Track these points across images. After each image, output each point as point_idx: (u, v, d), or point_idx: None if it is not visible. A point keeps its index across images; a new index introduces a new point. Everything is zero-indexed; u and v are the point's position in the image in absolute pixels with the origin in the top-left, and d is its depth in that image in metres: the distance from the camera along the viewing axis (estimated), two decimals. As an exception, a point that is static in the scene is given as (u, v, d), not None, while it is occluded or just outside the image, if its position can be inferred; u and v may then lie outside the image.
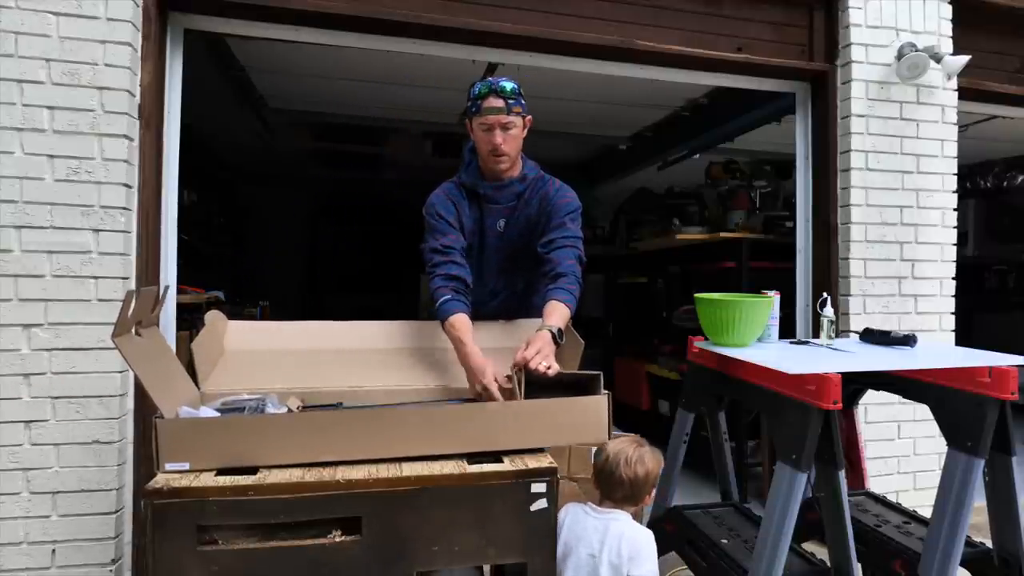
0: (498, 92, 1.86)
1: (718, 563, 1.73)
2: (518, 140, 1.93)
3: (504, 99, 1.86)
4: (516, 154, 1.95)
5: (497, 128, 1.87)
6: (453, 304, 1.78)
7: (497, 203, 1.98)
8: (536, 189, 2.00)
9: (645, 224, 4.79)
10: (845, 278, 2.87)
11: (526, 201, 1.99)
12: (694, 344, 1.96)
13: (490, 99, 1.87)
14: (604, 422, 1.47)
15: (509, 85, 1.88)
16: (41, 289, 2.06)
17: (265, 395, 1.47)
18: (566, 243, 1.90)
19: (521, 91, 1.91)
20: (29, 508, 2.06)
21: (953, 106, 2.99)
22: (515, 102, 1.88)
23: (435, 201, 1.97)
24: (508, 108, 1.87)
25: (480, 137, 1.91)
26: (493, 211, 1.98)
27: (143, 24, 2.20)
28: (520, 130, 1.92)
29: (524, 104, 1.92)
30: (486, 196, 1.97)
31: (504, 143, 1.88)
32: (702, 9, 2.85)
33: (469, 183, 1.98)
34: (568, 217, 1.94)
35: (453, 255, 1.88)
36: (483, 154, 1.93)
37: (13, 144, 2.05)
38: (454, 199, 1.98)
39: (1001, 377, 1.49)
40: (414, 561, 1.27)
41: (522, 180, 1.99)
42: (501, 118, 1.87)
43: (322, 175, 6.86)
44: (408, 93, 3.86)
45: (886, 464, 2.89)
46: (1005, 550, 1.62)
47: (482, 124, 1.89)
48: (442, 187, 2.02)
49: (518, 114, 1.89)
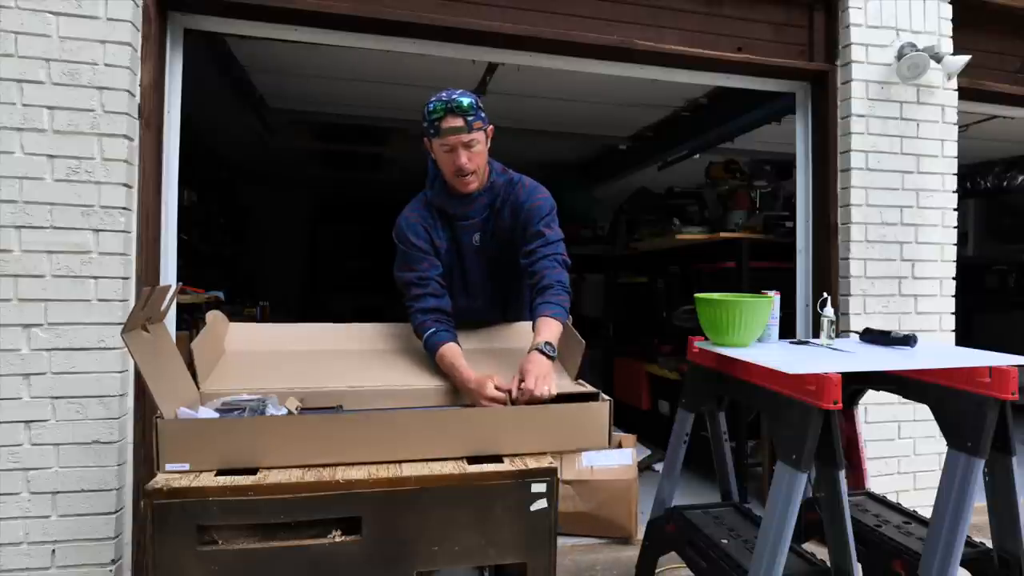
0: (455, 110, 1.72)
1: (718, 563, 1.73)
2: (483, 155, 1.81)
3: (463, 116, 1.72)
4: (482, 170, 1.84)
5: (460, 148, 1.74)
6: (440, 335, 1.74)
7: (468, 219, 1.88)
8: (506, 196, 1.90)
9: (645, 224, 4.78)
10: (845, 278, 2.87)
11: (498, 211, 1.90)
12: (694, 344, 1.96)
13: (448, 119, 1.72)
14: (605, 428, 1.48)
15: (466, 100, 1.73)
16: (41, 289, 2.06)
17: (265, 395, 1.47)
18: (547, 252, 1.83)
19: (480, 104, 1.78)
20: (29, 508, 2.06)
21: (953, 106, 2.99)
22: (475, 117, 1.74)
23: (404, 227, 1.87)
24: (469, 126, 1.73)
25: (443, 159, 1.79)
26: (465, 228, 1.89)
27: (143, 24, 2.21)
28: (483, 144, 1.80)
29: (484, 116, 1.79)
30: (456, 215, 1.88)
31: (469, 162, 1.75)
32: (702, 9, 2.85)
33: (437, 203, 1.88)
34: (543, 223, 1.86)
35: (430, 285, 1.81)
36: (448, 175, 1.82)
37: (13, 144, 2.05)
38: (423, 221, 1.87)
39: (1001, 377, 1.49)
40: (414, 561, 1.28)
41: (490, 189, 1.89)
42: (462, 137, 1.73)
43: (322, 175, 6.86)
44: (408, 93, 3.85)
45: (886, 464, 2.89)
46: (1005, 550, 1.62)
47: (443, 145, 1.75)
48: (410, 207, 1.92)
49: (479, 129, 1.76)
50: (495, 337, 1.95)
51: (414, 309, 1.81)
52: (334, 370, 1.68)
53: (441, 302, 1.82)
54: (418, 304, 1.80)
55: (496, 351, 1.85)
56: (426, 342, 1.76)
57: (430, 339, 1.75)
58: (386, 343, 1.87)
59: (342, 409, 1.56)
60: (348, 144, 5.46)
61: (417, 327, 1.79)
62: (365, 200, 7.67)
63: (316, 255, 8.02)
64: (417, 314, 1.80)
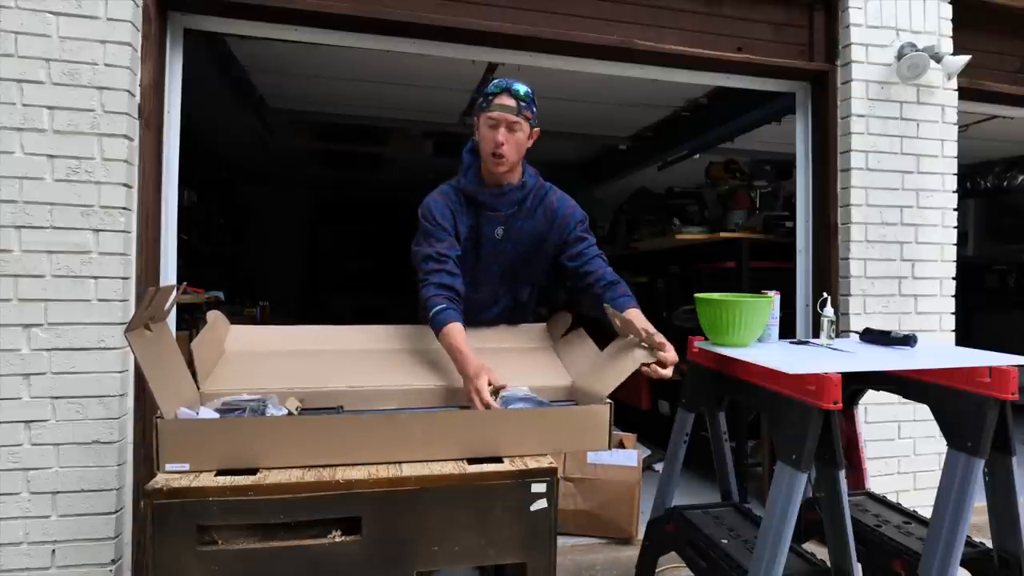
0: (511, 92, 1.85)
1: (718, 563, 1.73)
2: (521, 145, 1.89)
3: (516, 100, 1.85)
4: (516, 159, 1.90)
5: (503, 126, 1.84)
6: (448, 314, 1.74)
7: (496, 210, 1.93)
8: (537, 198, 1.97)
9: (645, 224, 4.78)
10: (845, 278, 2.87)
11: (528, 210, 1.96)
12: (694, 344, 1.96)
13: (502, 97, 1.85)
14: (605, 430, 1.48)
15: (523, 89, 1.87)
16: (41, 289, 2.06)
17: (265, 395, 1.47)
18: (595, 252, 1.96)
19: (535, 100, 1.90)
20: (29, 508, 2.06)
21: (953, 106, 2.99)
22: (526, 106, 1.86)
23: (432, 205, 1.92)
24: (518, 109, 1.85)
25: (484, 134, 1.87)
26: (491, 218, 1.93)
27: (143, 24, 2.21)
28: (525, 136, 1.89)
29: (535, 113, 1.91)
30: (485, 203, 1.92)
31: (506, 143, 1.84)
32: (702, 9, 2.85)
33: (469, 189, 1.93)
34: (582, 228, 1.97)
35: (447, 264, 1.83)
36: (484, 154, 1.88)
37: (13, 144, 2.05)
38: (451, 204, 1.92)
39: (1001, 377, 1.49)
40: (414, 561, 1.28)
41: (521, 187, 1.95)
42: (509, 116, 1.84)
43: (322, 175, 6.86)
44: (408, 93, 3.86)
45: (886, 464, 2.89)
46: (1005, 550, 1.62)
47: (489, 119, 1.85)
48: (440, 190, 1.97)
49: (527, 119, 1.87)
50: (502, 337, 1.95)
51: (427, 283, 1.81)
52: (334, 370, 1.68)
53: (455, 281, 1.82)
54: (432, 279, 1.81)
55: (499, 350, 1.85)
56: (433, 317, 1.75)
57: (438, 315, 1.74)
58: (386, 343, 1.87)
59: (342, 410, 1.56)
60: (348, 144, 5.46)
61: (427, 300, 1.78)
62: (365, 200, 7.68)
63: (316, 255, 8.02)
64: (430, 287, 1.80)
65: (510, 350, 1.83)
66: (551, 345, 1.95)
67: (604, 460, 2.75)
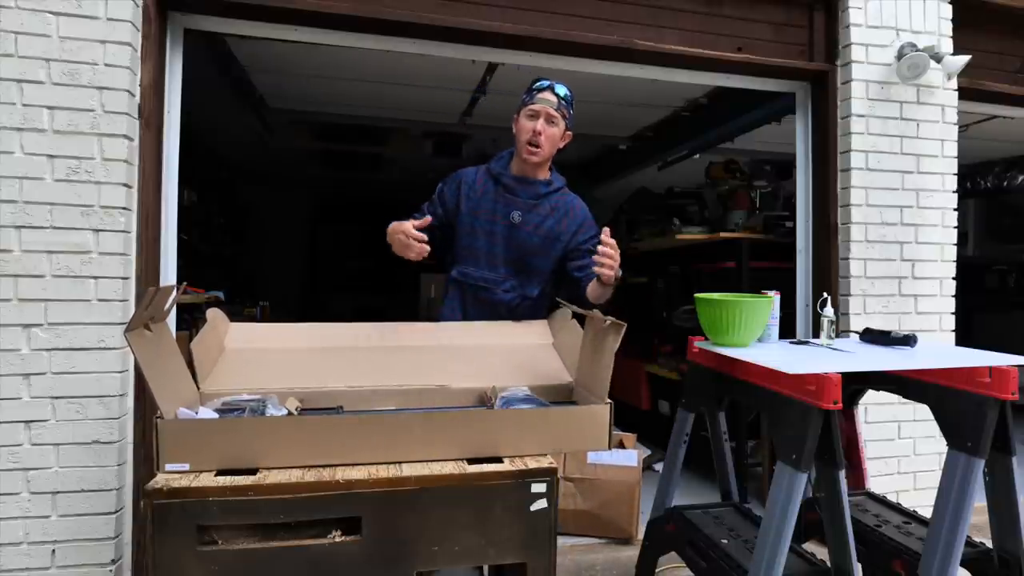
0: (554, 91, 2.04)
1: (718, 563, 1.73)
2: (554, 141, 2.06)
3: (558, 98, 2.04)
4: (549, 152, 2.06)
5: (542, 117, 2.01)
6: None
7: (515, 195, 2.07)
8: (562, 200, 2.12)
9: (645, 224, 4.79)
10: (845, 278, 2.87)
11: (551, 207, 2.09)
12: (694, 344, 1.96)
13: (546, 92, 2.04)
14: (605, 430, 1.47)
15: (564, 91, 2.06)
16: (41, 289, 2.06)
17: (265, 395, 1.47)
18: None
19: (573, 104, 2.09)
20: (29, 508, 2.06)
21: (953, 106, 2.99)
22: (566, 105, 2.05)
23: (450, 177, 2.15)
24: (559, 104, 2.03)
25: (523, 125, 2.03)
26: (509, 200, 2.07)
27: (143, 24, 2.21)
28: (560, 132, 2.05)
29: (572, 116, 2.08)
30: (506, 186, 2.07)
31: (543, 134, 2.00)
32: (702, 9, 2.85)
33: (495, 170, 2.10)
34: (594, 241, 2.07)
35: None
36: (520, 144, 2.05)
37: (13, 144, 2.05)
38: (467, 182, 2.10)
39: (1001, 377, 1.49)
40: (414, 561, 1.27)
41: (547, 184, 2.11)
42: (549, 109, 2.01)
43: (322, 175, 6.86)
44: (408, 93, 3.86)
45: (886, 464, 2.89)
46: (1005, 550, 1.62)
47: (529, 111, 2.03)
48: (469, 168, 2.16)
49: (564, 117, 2.05)
50: (503, 335, 1.94)
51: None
52: (334, 370, 1.67)
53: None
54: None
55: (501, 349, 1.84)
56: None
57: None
58: (386, 342, 1.86)
59: (342, 410, 1.56)
60: (348, 144, 5.46)
61: None
62: (365, 200, 7.67)
63: (316, 255, 8.02)
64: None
65: (510, 348, 1.82)
66: (551, 343, 1.95)
67: (604, 460, 2.75)
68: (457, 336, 1.89)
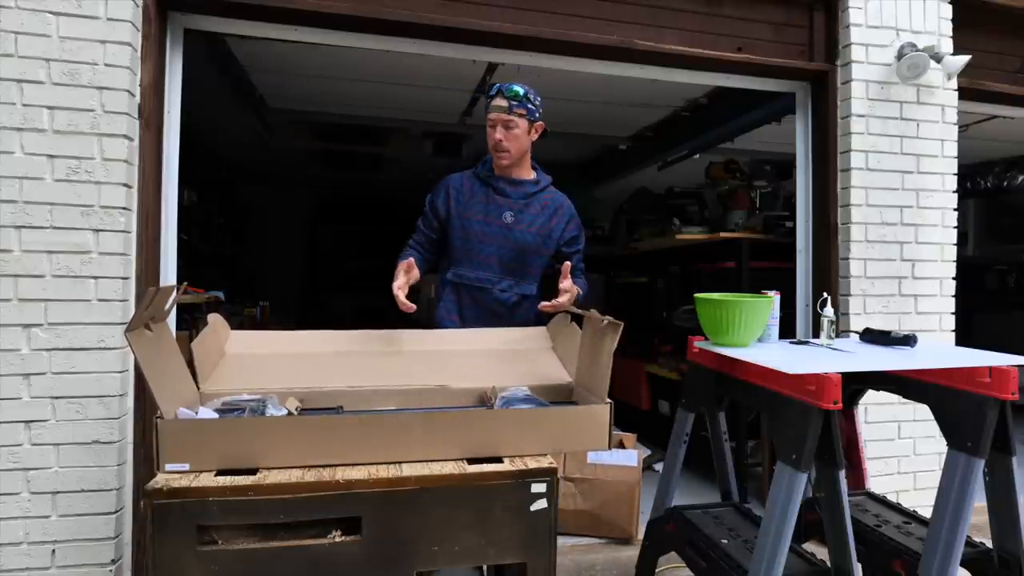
0: (504, 94, 2.09)
1: (718, 563, 1.73)
2: (520, 139, 2.10)
3: (507, 100, 2.07)
4: (518, 153, 2.12)
5: (499, 125, 2.08)
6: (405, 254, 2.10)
7: (506, 196, 2.14)
8: (550, 198, 2.20)
9: (645, 224, 4.78)
10: (845, 278, 2.87)
11: (541, 205, 2.17)
12: (694, 344, 1.96)
13: (496, 99, 2.10)
14: (605, 430, 1.47)
15: (516, 89, 2.08)
16: (41, 289, 2.06)
17: (265, 395, 1.47)
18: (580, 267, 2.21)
19: (530, 96, 2.10)
20: (29, 508, 2.06)
21: (953, 106, 2.99)
22: (518, 104, 2.07)
23: (439, 185, 2.21)
24: (509, 108, 2.07)
25: (488, 133, 2.12)
26: (500, 202, 2.14)
27: (143, 24, 2.21)
28: (523, 131, 2.10)
29: (532, 109, 2.10)
30: (496, 188, 2.15)
31: (504, 139, 2.07)
32: (702, 9, 2.85)
33: (483, 175, 2.18)
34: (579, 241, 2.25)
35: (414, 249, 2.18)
36: (489, 148, 2.13)
37: (13, 144, 2.05)
38: (455, 187, 2.17)
39: (1001, 377, 1.49)
40: (414, 561, 1.27)
41: (535, 183, 2.19)
42: (502, 116, 2.07)
43: (322, 175, 6.86)
44: (408, 93, 3.86)
45: (886, 464, 2.89)
46: (1005, 550, 1.62)
47: (489, 121, 2.11)
48: (454, 174, 2.23)
49: (520, 115, 2.08)
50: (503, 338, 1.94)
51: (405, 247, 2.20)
52: (334, 370, 1.68)
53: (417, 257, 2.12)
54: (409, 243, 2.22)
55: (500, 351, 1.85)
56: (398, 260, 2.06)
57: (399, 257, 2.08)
58: (386, 345, 1.87)
59: (342, 410, 1.56)
60: (348, 144, 5.46)
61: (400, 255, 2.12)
62: (365, 200, 7.68)
63: (316, 255, 8.02)
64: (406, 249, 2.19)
65: (510, 351, 1.82)
66: (550, 345, 1.95)
67: (604, 460, 2.75)
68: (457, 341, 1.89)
